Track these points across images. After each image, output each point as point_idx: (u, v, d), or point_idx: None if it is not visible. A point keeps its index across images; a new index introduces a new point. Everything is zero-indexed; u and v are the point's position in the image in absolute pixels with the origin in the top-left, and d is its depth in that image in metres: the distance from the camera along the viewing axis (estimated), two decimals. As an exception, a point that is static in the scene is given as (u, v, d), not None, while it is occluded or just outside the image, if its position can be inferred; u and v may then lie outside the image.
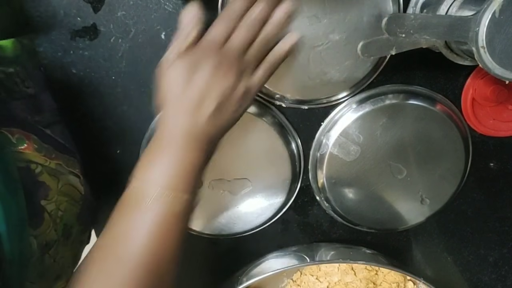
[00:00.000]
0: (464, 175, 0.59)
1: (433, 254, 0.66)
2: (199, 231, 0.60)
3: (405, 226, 0.62)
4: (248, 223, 0.60)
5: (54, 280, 0.44)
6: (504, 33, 0.36)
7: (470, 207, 0.63)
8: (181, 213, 0.40)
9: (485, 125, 0.57)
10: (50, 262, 0.43)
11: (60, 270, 0.45)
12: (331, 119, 0.56)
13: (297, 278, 0.65)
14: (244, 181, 0.57)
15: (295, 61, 0.50)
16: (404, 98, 0.54)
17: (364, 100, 0.54)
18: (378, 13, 0.48)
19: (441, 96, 0.55)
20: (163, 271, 0.39)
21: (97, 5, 0.49)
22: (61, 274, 0.45)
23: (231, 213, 0.59)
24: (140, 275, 0.37)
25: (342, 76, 0.51)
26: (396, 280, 0.63)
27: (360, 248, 0.61)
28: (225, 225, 0.60)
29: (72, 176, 0.48)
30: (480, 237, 0.65)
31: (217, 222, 0.60)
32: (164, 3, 0.49)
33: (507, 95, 0.54)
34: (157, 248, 0.38)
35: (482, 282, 0.69)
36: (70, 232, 0.47)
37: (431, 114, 0.54)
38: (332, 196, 0.58)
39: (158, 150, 0.41)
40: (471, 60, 0.45)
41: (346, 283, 0.63)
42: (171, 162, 0.40)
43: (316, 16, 0.47)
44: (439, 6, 0.44)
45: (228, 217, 0.60)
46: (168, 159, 0.40)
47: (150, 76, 0.52)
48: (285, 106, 0.54)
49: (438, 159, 0.57)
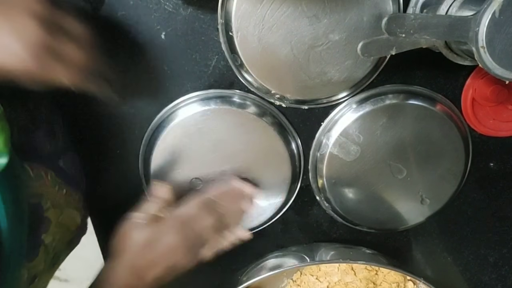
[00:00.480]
0: (464, 175, 0.59)
1: (433, 254, 0.66)
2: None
3: (405, 226, 0.62)
4: (248, 223, 0.60)
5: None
6: (504, 33, 0.36)
7: (470, 207, 0.63)
8: None
9: (485, 125, 0.57)
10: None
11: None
12: (331, 119, 0.56)
13: (297, 278, 0.65)
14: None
15: (295, 61, 0.50)
16: (404, 98, 0.54)
17: (364, 100, 0.54)
18: (378, 13, 0.48)
19: (441, 96, 0.55)
20: None
21: (97, 5, 0.49)
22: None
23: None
24: None
25: (342, 76, 0.51)
26: (396, 280, 0.63)
27: (360, 248, 0.61)
28: None
29: (74, 211, 0.50)
30: (480, 237, 0.65)
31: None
32: (164, 3, 0.49)
33: (507, 95, 0.54)
34: None
35: (482, 282, 0.69)
36: (58, 260, 0.48)
37: (431, 114, 0.54)
38: (332, 196, 0.58)
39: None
40: (471, 60, 0.45)
41: (346, 283, 0.63)
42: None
43: (316, 16, 0.47)
44: (439, 6, 0.44)
45: None
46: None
47: (150, 76, 0.52)
48: (285, 106, 0.54)
49: (438, 159, 0.57)
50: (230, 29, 0.48)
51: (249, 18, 0.47)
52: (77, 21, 0.40)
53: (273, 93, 0.53)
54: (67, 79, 0.40)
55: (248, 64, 0.50)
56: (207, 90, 0.53)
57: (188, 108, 0.53)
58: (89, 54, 0.40)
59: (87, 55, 0.40)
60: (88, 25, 0.41)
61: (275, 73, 0.51)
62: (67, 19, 0.40)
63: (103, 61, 0.42)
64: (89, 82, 0.42)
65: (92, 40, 0.41)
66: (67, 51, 0.39)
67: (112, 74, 0.45)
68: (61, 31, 0.39)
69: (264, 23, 0.48)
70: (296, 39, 0.48)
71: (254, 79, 0.51)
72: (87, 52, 0.40)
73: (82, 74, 0.41)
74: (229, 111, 0.53)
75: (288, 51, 0.49)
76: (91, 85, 0.43)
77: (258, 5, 0.47)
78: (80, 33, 0.40)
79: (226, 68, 0.52)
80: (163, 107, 0.54)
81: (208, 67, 0.52)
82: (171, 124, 0.53)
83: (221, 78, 0.53)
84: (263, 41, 0.48)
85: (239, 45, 0.49)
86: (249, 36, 0.48)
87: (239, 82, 0.53)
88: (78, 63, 0.40)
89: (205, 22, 0.50)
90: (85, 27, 0.41)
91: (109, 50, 0.50)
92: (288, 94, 0.53)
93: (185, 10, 0.49)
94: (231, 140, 0.54)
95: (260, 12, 0.47)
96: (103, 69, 0.43)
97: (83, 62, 0.40)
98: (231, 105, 0.53)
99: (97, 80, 0.43)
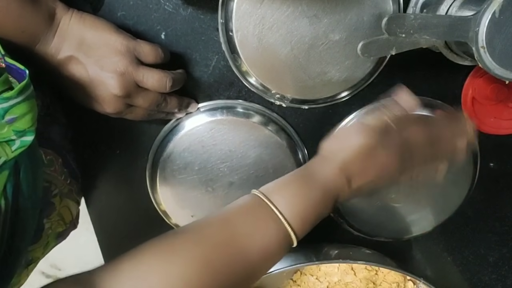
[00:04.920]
0: (474, 176, 0.59)
1: (433, 254, 0.66)
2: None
3: (415, 234, 0.62)
4: None
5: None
6: (504, 33, 0.36)
7: (470, 207, 0.63)
8: (283, 245, 0.40)
9: (486, 124, 0.57)
10: (24, 275, 0.44)
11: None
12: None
13: (297, 278, 0.65)
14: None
15: (295, 61, 0.50)
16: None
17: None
18: (378, 13, 0.48)
19: (440, 102, 0.55)
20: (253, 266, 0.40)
21: (97, 5, 0.49)
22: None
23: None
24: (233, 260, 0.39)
25: (342, 76, 0.51)
26: (396, 280, 0.63)
27: (360, 248, 0.61)
28: None
29: (72, 202, 0.50)
30: (480, 237, 0.65)
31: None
32: (164, 3, 0.49)
33: (507, 93, 0.54)
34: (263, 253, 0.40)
35: (482, 282, 0.69)
36: (46, 250, 0.48)
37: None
38: (345, 213, 0.59)
39: (302, 182, 0.42)
40: (471, 60, 0.45)
41: (346, 283, 0.63)
42: (305, 199, 0.41)
43: (316, 16, 0.47)
44: (439, 6, 0.44)
45: None
46: (304, 195, 0.41)
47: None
48: (285, 106, 0.54)
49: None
50: (230, 29, 0.48)
51: (249, 18, 0.47)
52: (149, 45, 0.46)
53: (273, 93, 0.53)
54: (136, 119, 0.49)
55: (248, 64, 0.50)
56: (213, 101, 0.54)
57: (194, 119, 0.54)
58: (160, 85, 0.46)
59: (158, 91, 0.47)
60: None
61: (275, 73, 0.51)
62: (143, 49, 0.46)
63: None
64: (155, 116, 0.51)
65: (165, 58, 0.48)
66: (141, 101, 0.47)
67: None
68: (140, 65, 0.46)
69: (264, 23, 0.48)
70: (296, 39, 0.48)
71: (254, 79, 0.52)
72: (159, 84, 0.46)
73: (150, 114, 0.50)
74: (235, 121, 0.53)
75: (288, 51, 0.49)
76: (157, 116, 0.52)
77: (258, 5, 0.47)
78: (156, 59, 0.47)
79: (226, 68, 0.52)
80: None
81: (208, 67, 0.52)
82: (178, 135, 0.54)
83: (221, 78, 0.53)
84: (263, 41, 0.48)
85: (239, 45, 0.49)
86: (249, 36, 0.48)
87: (239, 82, 0.53)
88: (149, 107, 0.48)
89: (205, 22, 0.50)
90: (156, 49, 0.47)
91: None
92: (288, 94, 0.53)
93: (185, 10, 0.49)
94: (239, 150, 0.54)
95: (260, 12, 0.47)
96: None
97: (153, 103, 0.48)
98: (236, 115, 0.53)
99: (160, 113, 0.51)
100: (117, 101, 0.45)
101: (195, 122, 0.53)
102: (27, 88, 0.36)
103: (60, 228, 0.49)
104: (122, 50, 0.44)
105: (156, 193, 0.57)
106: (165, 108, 0.50)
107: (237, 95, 0.54)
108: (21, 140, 0.37)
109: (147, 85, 0.46)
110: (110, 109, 0.46)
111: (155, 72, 0.46)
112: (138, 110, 0.48)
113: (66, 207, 0.49)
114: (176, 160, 0.54)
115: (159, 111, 0.51)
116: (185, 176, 0.55)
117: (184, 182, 0.55)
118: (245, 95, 0.54)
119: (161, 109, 0.50)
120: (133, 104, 0.47)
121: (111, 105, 0.46)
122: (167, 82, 0.47)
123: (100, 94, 0.45)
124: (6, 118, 0.35)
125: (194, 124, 0.53)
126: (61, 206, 0.48)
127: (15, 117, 0.36)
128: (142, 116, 0.49)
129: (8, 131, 0.36)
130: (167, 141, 0.54)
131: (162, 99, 0.48)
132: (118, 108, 0.46)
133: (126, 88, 0.44)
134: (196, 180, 0.55)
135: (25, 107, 0.36)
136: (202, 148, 0.54)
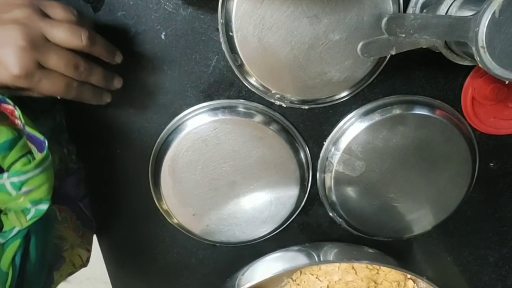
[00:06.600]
0: (473, 176, 0.59)
1: (433, 254, 0.66)
2: (200, 236, 0.60)
3: (415, 234, 0.63)
4: (250, 234, 0.60)
5: None
6: (504, 33, 0.36)
7: (470, 207, 0.63)
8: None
9: (486, 124, 0.57)
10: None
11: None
12: (332, 138, 0.56)
13: (297, 277, 0.65)
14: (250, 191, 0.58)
15: (295, 61, 0.50)
16: (402, 109, 0.54)
17: (364, 114, 0.55)
18: (378, 13, 0.48)
19: (439, 102, 0.55)
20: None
21: (97, 5, 0.49)
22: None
23: (233, 222, 0.59)
24: None
25: (342, 76, 0.51)
26: (397, 279, 0.63)
27: (363, 247, 0.61)
28: (225, 232, 0.60)
29: (84, 251, 0.50)
30: (480, 237, 0.65)
31: (219, 231, 0.60)
32: (164, 3, 0.49)
33: (507, 93, 0.54)
34: None
35: (482, 282, 0.69)
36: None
37: (432, 121, 0.54)
38: (345, 213, 0.59)
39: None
40: (470, 60, 0.45)
41: (346, 282, 0.63)
42: None
43: (316, 16, 0.47)
44: (439, 6, 0.44)
45: (230, 227, 0.60)
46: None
47: (149, 75, 0.52)
48: (285, 106, 0.54)
49: (444, 164, 0.57)
50: (230, 29, 0.48)
51: (249, 18, 0.47)
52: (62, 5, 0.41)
53: (273, 93, 0.53)
54: (55, 91, 0.41)
55: (248, 64, 0.50)
56: (213, 101, 0.54)
57: (197, 119, 0.54)
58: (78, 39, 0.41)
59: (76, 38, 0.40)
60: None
61: (275, 73, 0.51)
62: (52, 5, 0.41)
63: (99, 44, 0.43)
64: (78, 92, 0.43)
65: (81, 20, 0.42)
66: (54, 59, 0.40)
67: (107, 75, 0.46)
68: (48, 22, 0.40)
69: (264, 23, 0.48)
70: (296, 39, 0.48)
71: (254, 79, 0.52)
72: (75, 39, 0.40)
73: (70, 84, 0.42)
74: (237, 121, 0.53)
75: (288, 51, 0.49)
76: (82, 95, 0.44)
77: (258, 5, 0.47)
78: (68, 16, 0.41)
79: (226, 68, 0.52)
80: (169, 115, 0.54)
81: (208, 67, 0.52)
82: (179, 136, 0.54)
83: (221, 78, 0.53)
84: (263, 41, 0.48)
85: (239, 45, 0.49)
86: (249, 36, 0.48)
87: (239, 82, 0.53)
88: (66, 69, 0.41)
89: (205, 22, 0.50)
90: (71, 9, 0.42)
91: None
92: (288, 94, 0.53)
93: (185, 10, 0.49)
94: (241, 150, 0.54)
95: (260, 12, 0.47)
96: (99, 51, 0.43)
97: (72, 63, 0.41)
98: (238, 114, 0.53)
99: (87, 88, 0.44)
100: (23, 55, 0.38)
101: (198, 121, 0.53)
102: (45, 160, 0.35)
103: (69, 271, 0.49)
104: (25, 2, 0.39)
105: (158, 191, 0.57)
106: (88, 78, 0.43)
107: (237, 95, 0.54)
108: (36, 209, 0.37)
109: (57, 35, 0.40)
110: (16, 68, 0.38)
111: (66, 23, 0.41)
112: (54, 76, 0.41)
113: (76, 255, 0.49)
114: (179, 159, 0.54)
115: (83, 84, 0.44)
116: (188, 174, 0.55)
117: (186, 180, 0.55)
118: (245, 95, 0.54)
119: (83, 77, 0.43)
120: (46, 64, 0.40)
121: (17, 61, 0.38)
122: (82, 33, 0.41)
123: (3, 50, 0.38)
124: (23, 189, 0.35)
125: (197, 123, 0.53)
126: (72, 255, 0.48)
127: (31, 189, 0.35)
128: (61, 87, 0.41)
129: (24, 201, 0.36)
130: (171, 139, 0.54)
131: (82, 62, 0.42)
132: (26, 65, 0.38)
133: (31, 37, 0.38)
134: (198, 179, 0.55)
135: (43, 178, 0.35)
136: (206, 147, 0.54)
